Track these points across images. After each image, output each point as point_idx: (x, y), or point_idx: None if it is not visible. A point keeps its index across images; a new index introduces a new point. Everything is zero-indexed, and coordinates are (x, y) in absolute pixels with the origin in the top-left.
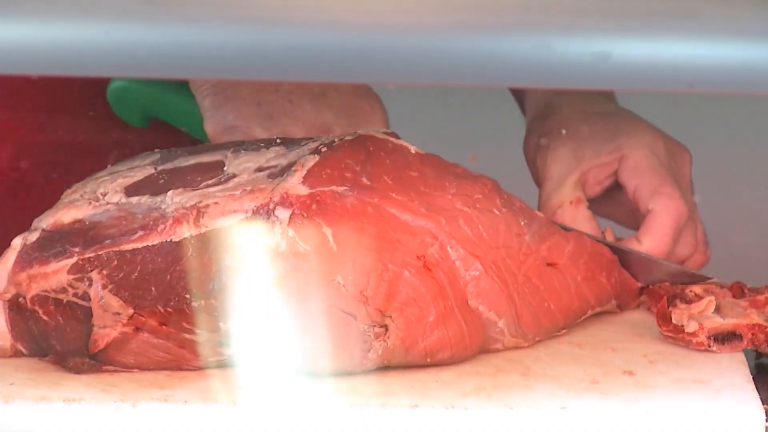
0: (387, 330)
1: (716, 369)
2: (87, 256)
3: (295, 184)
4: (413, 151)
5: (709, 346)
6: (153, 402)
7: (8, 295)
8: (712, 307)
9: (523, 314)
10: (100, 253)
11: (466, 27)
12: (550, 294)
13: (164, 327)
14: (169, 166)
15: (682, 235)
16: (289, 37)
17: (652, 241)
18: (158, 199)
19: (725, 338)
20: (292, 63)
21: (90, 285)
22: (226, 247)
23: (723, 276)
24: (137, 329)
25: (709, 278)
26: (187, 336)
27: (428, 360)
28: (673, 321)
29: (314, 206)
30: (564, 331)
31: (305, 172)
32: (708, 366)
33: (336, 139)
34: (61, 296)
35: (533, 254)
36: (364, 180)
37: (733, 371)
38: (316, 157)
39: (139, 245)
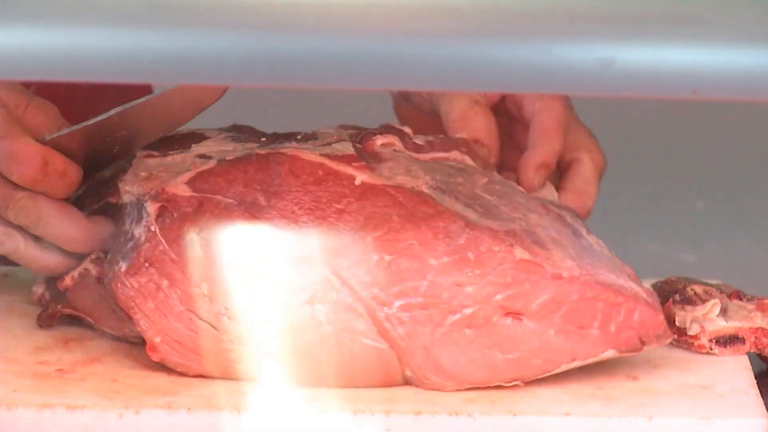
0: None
1: (720, 374)
2: (95, 207)
3: (179, 183)
4: (358, 182)
5: (711, 349)
6: (156, 409)
7: None
8: (717, 310)
9: (444, 364)
10: (100, 204)
11: (467, 33)
12: (496, 345)
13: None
14: (181, 131)
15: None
16: (297, 43)
17: (542, 141)
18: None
19: (727, 341)
20: (300, 69)
21: None
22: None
23: (727, 281)
24: (99, 276)
25: None
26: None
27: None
28: (677, 323)
29: (189, 209)
30: (518, 383)
31: (194, 174)
32: (712, 371)
33: (258, 153)
34: None
35: (480, 304)
36: (260, 199)
37: (737, 376)
38: (213, 163)
39: (114, 200)
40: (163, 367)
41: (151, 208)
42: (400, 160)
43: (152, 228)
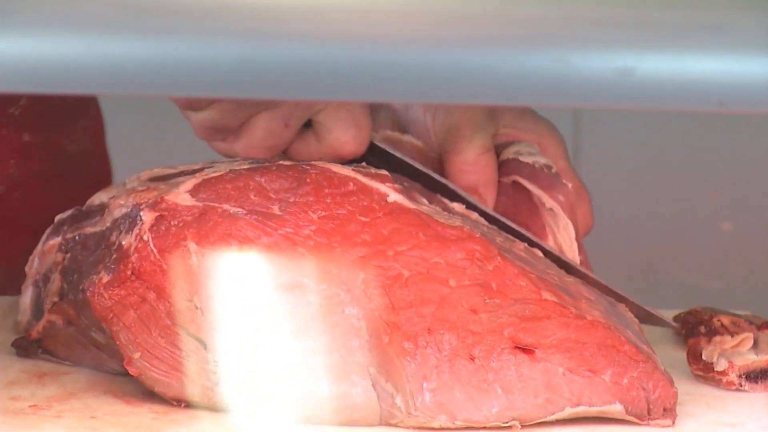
0: None
1: (749, 411)
2: (68, 236)
3: (180, 192)
4: (390, 200)
5: (741, 386)
6: None
7: (33, 271)
8: (749, 344)
9: (439, 395)
10: (74, 234)
11: (478, 41)
12: (498, 380)
13: (76, 320)
14: (192, 166)
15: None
16: (291, 52)
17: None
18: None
19: (758, 376)
20: (293, 80)
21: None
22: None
23: (757, 311)
24: (66, 320)
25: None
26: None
27: None
28: (704, 358)
29: (189, 218)
30: (513, 423)
31: (199, 181)
32: (740, 408)
33: (279, 162)
34: (50, 276)
35: (490, 333)
36: (274, 208)
37: (767, 413)
38: (223, 171)
39: (95, 230)
40: (145, 403)
41: (147, 216)
42: (437, 209)
43: (144, 237)
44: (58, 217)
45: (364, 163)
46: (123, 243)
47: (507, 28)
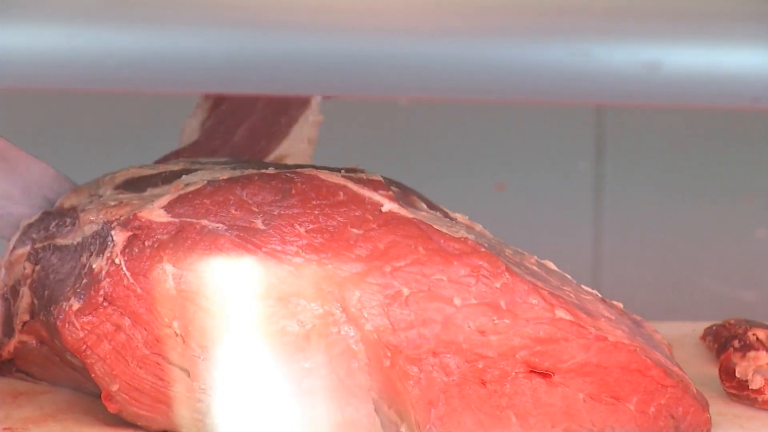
0: None
1: None
2: (37, 246)
3: (155, 208)
4: (385, 209)
5: None
6: None
7: (0, 282)
8: None
9: (447, 422)
10: (44, 244)
11: (492, 32)
12: (512, 407)
13: (50, 341)
14: (171, 167)
15: None
16: (287, 44)
17: None
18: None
19: None
20: (289, 74)
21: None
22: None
23: None
24: (39, 340)
25: None
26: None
27: None
28: (737, 375)
29: (165, 236)
30: None
31: (175, 197)
32: None
33: (262, 172)
34: (19, 288)
35: (502, 357)
36: (257, 222)
37: None
38: (201, 184)
39: (65, 242)
40: (129, 426)
41: (119, 236)
42: (437, 215)
43: (116, 260)
44: (25, 222)
45: (356, 166)
46: (93, 266)
47: (522, 18)
